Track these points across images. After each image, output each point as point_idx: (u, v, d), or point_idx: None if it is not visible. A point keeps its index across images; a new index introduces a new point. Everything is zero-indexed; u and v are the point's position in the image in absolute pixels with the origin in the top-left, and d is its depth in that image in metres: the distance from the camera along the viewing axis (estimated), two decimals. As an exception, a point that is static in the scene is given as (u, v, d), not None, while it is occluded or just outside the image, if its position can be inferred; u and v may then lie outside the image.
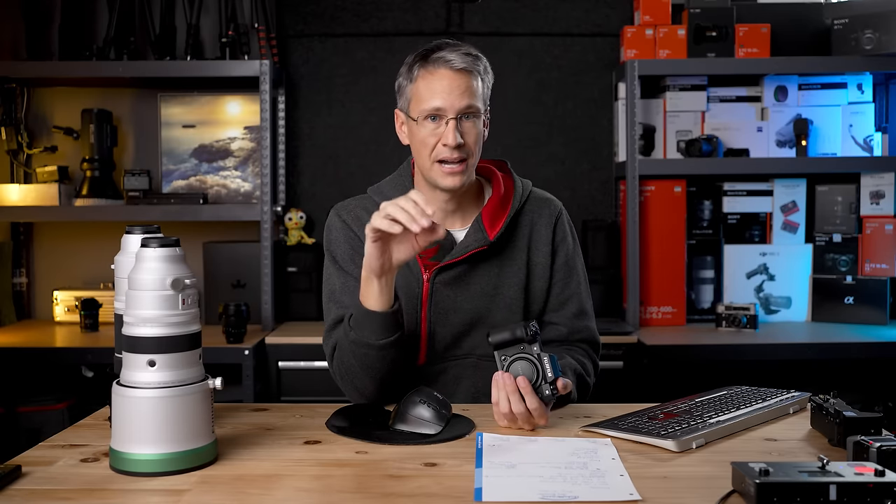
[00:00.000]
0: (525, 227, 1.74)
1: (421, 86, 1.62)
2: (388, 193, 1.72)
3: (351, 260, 1.69)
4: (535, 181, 1.84)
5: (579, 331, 1.76)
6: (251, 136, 3.31)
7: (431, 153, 1.62)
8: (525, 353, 1.44)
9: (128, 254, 1.39)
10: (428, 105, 1.60)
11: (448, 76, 1.60)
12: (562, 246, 1.76)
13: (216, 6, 3.25)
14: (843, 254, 3.16)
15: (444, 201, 1.70)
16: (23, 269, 3.32)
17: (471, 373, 1.71)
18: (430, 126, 1.62)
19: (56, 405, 2.91)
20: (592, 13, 3.36)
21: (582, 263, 1.81)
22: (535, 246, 1.74)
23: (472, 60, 1.62)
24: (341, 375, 1.64)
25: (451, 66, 1.60)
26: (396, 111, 1.72)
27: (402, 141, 1.73)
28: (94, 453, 1.32)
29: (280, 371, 2.84)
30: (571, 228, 1.81)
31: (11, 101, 3.19)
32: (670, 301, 3.13)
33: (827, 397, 1.41)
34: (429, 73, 1.61)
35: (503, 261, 1.71)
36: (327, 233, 1.75)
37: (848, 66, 3.05)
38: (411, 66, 1.64)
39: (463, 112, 1.61)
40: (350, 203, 1.77)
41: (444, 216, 1.72)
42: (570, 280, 1.76)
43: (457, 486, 1.17)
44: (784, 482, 1.04)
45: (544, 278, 1.74)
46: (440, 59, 1.60)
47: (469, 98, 1.61)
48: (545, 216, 1.76)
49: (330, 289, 1.71)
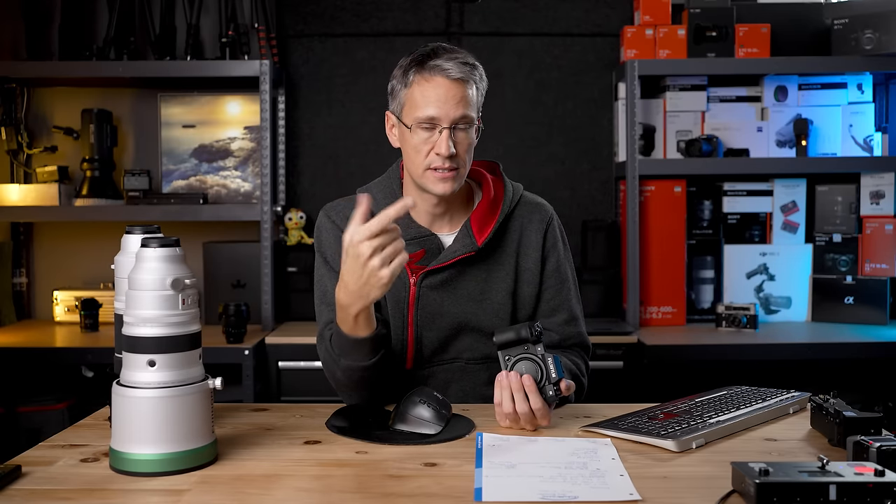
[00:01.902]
0: (515, 231, 1.73)
1: (416, 92, 1.60)
2: (376, 195, 1.71)
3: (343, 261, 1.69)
4: (535, 181, 1.84)
5: (571, 336, 1.76)
6: (251, 136, 3.31)
7: (424, 160, 1.61)
8: (529, 354, 1.44)
9: (128, 254, 1.39)
10: (422, 113, 1.58)
11: (444, 85, 1.58)
12: (552, 252, 1.75)
13: (216, 6, 3.25)
14: (843, 254, 3.16)
15: (433, 205, 1.69)
16: (23, 269, 3.32)
17: (459, 377, 1.71)
18: (424, 134, 1.60)
19: (56, 405, 2.91)
20: (592, 13, 3.36)
21: (572, 268, 1.80)
22: (524, 251, 1.73)
23: (469, 70, 1.60)
24: (333, 382, 1.64)
25: (448, 75, 1.58)
26: (388, 113, 1.70)
27: (391, 143, 1.71)
28: (94, 453, 1.32)
29: (280, 371, 2.84)
30: (562, 234, 1.80)
31: (11, 101, 3.19)
32: (670, 301, 3.13)
33: (827, 397, 1.41)
34: (424, 80, 1.59)
35: (491, 265, 1.70)
36: (317, 234, 1.74)
37: (848, 66, 3.05)
38: (406, 70, 1.62)
39: (457, 122, 1.59)
40: (339, 203, 1.76)
41: (433, 219, 1.71)
42: (561, 287, 1.75)
43: (457, 486, 1.17)
44: (784, 482, 1.04)
45: (533, 284, 1.73)
46: (437, 66, 1.58)
47: (464, 108, 1.59)
48: (535, 221, 1.75)
49: (322, 290, 1.70)
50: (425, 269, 1.67)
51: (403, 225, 1.67)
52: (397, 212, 1.36)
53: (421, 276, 1.67)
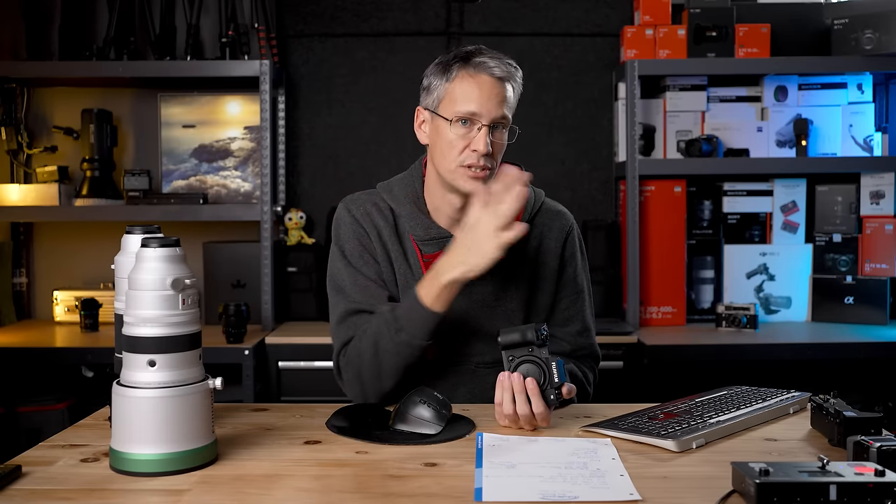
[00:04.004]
0: (534, 238, 1.72)
1: (458, 87, 1.59)
2: (396, 191, 1.71)
3: (360, 256, 1.68)
4: (536, 181, 1.83)
5: (583, 347, 1.76)
6: (251, 136, 3.31)
7: (458, 156, 1.60)
8: (533, 356, 1.43)
9: (128, 254, 1.39)
10: (463, 108, 1.58)
11: (488, 83, 1.58)
12: (571, 262, 1.74)
13: (216, 6, 3.25)
14: (843, 254, 3.16)
15: (456, 209, 1.67)
16: (23, 269, 3.32)
17: (468, 379, 1.70)
18: (461, 130, 1.59)
19: (56, 405, 2.91)
20: (592, 13, 3.36)
21: (589, 279, 1.80)
22: (542, 259, 1.72)
23: (512, 70, 1.62)
24: (354, 372, 1.61)
25: (492, 73, 1.58)
26: (418, 109, 1.68)
27: (420, 140, 1.70)
28: (94, 453, 1.32)
29: (280, 371, 2.84)
30: (581, 243, 1.79)
31: (11, 101, 3.19)
32: (670, 301, 3.13)
33: (827, 397, 1.41)
34: (469, 76, 1.59)
35: (507, 272, 1.68)
36: (336, 226, 1.73)
37: (848, 66, 3.05)
38: (448, 66, 1.61)
39: (497, 121, 1.59)
40: (360, 197, 1.74)
41: (453, 222, 1.69)
42: (576, 298, 1.74)
43: (457, 486, 1.17)
44: (784, 482, 1.04)
45: (549, 293, 1.73)
46: (482, 64, 1.58)
47: (504, 108, 1.59)
48: (555, 230, 1.74)
49: (338, 283, 1.68)
50: None
51: (424, 226, 1.68)
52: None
53: None
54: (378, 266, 1.68)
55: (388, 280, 1.68)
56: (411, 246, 1.69)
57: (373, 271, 1.67)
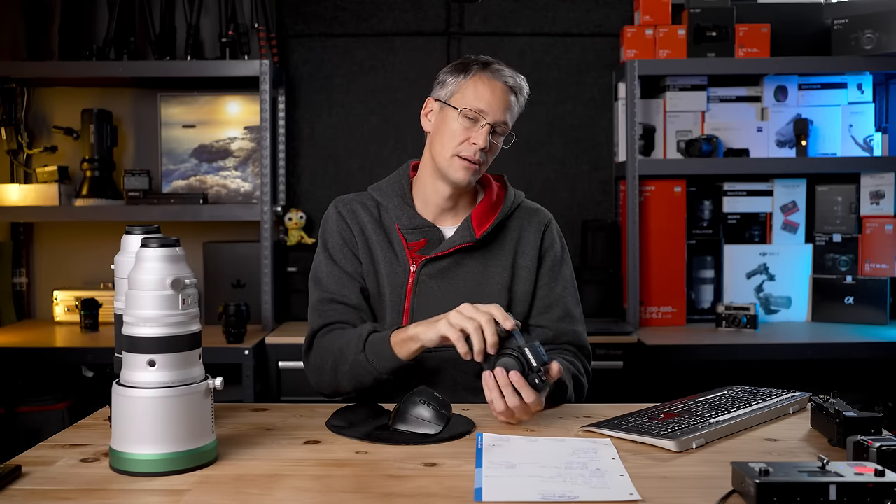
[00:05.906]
0: (513, 231, 1.83)
1: (473, 85, 1.74)
2: (385, 187, 1.84)
3: (340, 250, 1.81)
4: (536, 181, 1.89)
5: (566, 333, 1.79)
6: (251, 136, 3.31)
7: (457, 147, 1.73)
8: (506, 350, 1.46)
9: (128, 254, 1.39)
10: (474, 104, 1.72)
11: (501, 89, 1.74)
12: (549, 253, 1.84)
13: (216, 6, 3.25)
14: (843, 254, 3.16)
15: (444, 198, 1.80)
16: (23, 269, 3.32)
17: (449, 366, 1.73)
18: (466, 122, 1.73)
19: (56, 405, 2.91)
20: (592, 13, 3.36)
21: (571, 272, 1.87)
22: (521, 250, 1.82)
23: (523, 85, 1.79)
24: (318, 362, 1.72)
25: (506, 82, 1.75)
26: (429, 99, 1.82)
27: (423, 127, 1.83)
28: (94, 453, 1.32)
29: (280, 371, 2.84)
30: (561, 238, 1.88)
31: (11, 101, 3.19)
32: (670, 301, 3.13)
33: (827, 397, 1.41)
34: (487, 79, 1.74)
35: (489, 260, 1.79)
36: (324, 222, 1.86)
37: (848, 66, 3.05)
38: (467, 66, 1.76)
39: (499, 123, 1.74)
40: (349, 197, 1.87)
41: (438, 214, 1.82)
42: (555, 284, 1.82)
43: (457, 486, 1.17)
44: (784, 482, 1.04)
45: (529, 281, 1.81)
46: (500, 71, 1.75)
47: (507, 114, 1.75)
48: (534, 224, 1.85)
49: (316, 274, 1.81)
50: (426, 257, 1.76)
51: (408, 216, 1.80)
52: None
53: (421, 264, 1.77)
54: (358, 263, 1.80)
55: (369, 270, 1.79)
56: (396, 235, 1.80)
57: (350, 266, 1.79)
